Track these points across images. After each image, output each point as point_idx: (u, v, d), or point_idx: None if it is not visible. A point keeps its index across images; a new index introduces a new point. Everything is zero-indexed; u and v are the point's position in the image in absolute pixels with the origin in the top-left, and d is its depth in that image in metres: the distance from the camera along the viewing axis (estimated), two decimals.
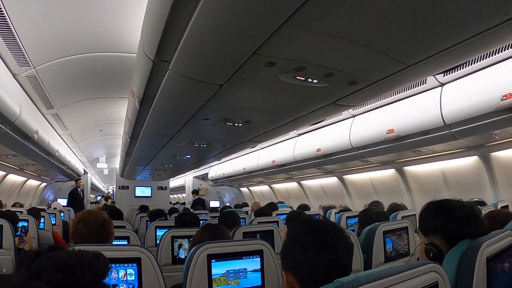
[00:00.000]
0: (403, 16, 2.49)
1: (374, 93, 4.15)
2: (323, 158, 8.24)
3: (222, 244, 2.50)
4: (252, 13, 2.30)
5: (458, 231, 1.95)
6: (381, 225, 3.34)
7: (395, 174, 8.55)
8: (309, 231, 1.64)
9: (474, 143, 6.30)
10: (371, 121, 6.74)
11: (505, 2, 2.40)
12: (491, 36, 2.80)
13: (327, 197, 11.37)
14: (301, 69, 3.25)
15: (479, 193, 6.86)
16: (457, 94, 5.20)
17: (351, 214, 5.71)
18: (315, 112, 4.76)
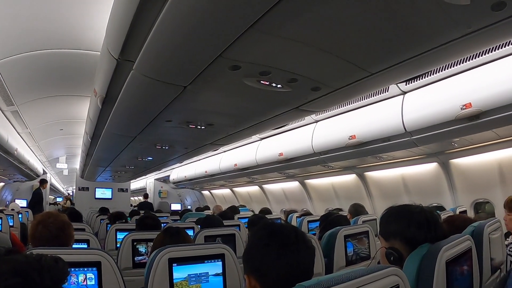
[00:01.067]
0: (368, 25, 2.54)
1: (337, 99, 4.21)
2: (285, 163, 8.26)
3: (183, 248, 2.48)
4: (219, 17, 2.31)
5: (418, 236, 1.99)
6: (342, 229, 3.38)
7: (356, 179, 8.66)
8: (271, 235, 1.65)
9: (434, 150, 6.45)
10: (333, 126, 6.81)
11: (468, 16, 2.47)
12: (454, 48, 2.89)
13: (288, 201, 11.43)
14: (265, 74, 3.27)
15: (438, 198, 7.07)
16: (418, 102, 5.33)
17: (312, 218, 5.76)
18: (278, 117, 4.79)
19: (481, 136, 5.52)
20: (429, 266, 1.76)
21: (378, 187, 8.32)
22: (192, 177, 14.01)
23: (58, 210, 5.05)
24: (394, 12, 2.39)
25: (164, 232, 3.05)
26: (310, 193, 10.30)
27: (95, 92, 4.54)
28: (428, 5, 2.31)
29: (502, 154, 6.02)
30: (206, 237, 3.59)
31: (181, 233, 3.02)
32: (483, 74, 4.61)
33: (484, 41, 3.02)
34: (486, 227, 2.47)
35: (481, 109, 4.54)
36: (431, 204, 6.96)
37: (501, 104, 4.37)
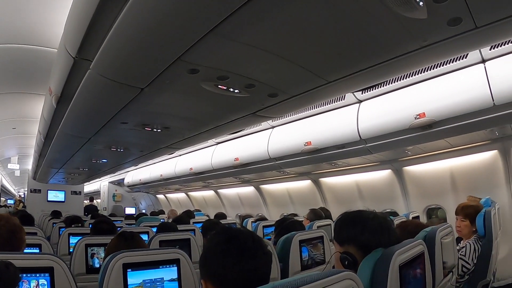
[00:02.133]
0: (327, 34, 2.60)
1: (294, 105, 4.26)
2: (241, 168, 8.27)
3: (138, 253, 2.42)
4: (179, 20, 2.31)
5: (372, 240, 2.01)
6: (297, 234, 3.40)
7: (311, 185, 8.76)
8: (228, 240, 1.65)
9: (388, 157, 6.61)
10: (289, 133, 6.88)
11: (424, 30, 2.58)
12: (410, 59, 3.00)
13: (243, 206, 11.44)
14: (223, 78, 3.28)
15: (392, 204, 7.27)
16: (373, 111, 5.49)
17: (267, 223, 5.75)
18: (235, 122, 4.81)
19: (434, 145, 5.72)
20: (383, 270, 1.78)
21: (333, 193, 8.46)
22: (147, 180, 13.81)
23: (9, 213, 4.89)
24: (353, 22, 2.46)
25: (119, 237, 2.97)
26: (266, 198, 10.35)
27: (50, 90, 4.43)
28: (387, 17, 2.38)
29: (454, 162, 6.27)
30: (161, 241, 3.56)
31: (135, 237, 2.94)
32: (437, 86, 4.82)
33: (439, 54, 3.13)
34: (438, 232, 2.55)
35: (434, 119, 4.72)
36: (384, 209, 7.13)
37: (453, 114, 4.57)
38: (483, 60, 4.48)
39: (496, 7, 2.41)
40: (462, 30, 2.58)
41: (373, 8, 2.28)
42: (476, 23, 2.51)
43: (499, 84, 4.24)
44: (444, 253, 2.56)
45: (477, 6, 2.34)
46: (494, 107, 4.29)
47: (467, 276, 3.83)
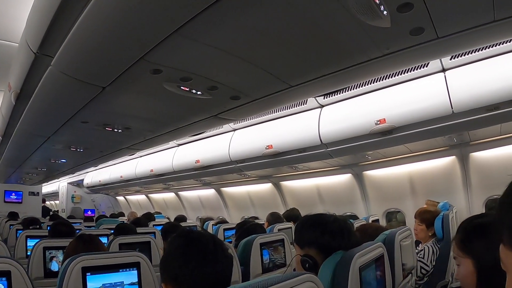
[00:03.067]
0: (292, 39, 2.65)
1: (256, 109, 4.30)
2: (202, 170, 8.25)
3: (97, 256, 2.33)
4: (143, 19, 2.31)
5: (332, 243, 2.05)
6: (258, 237, 3.39)
7: (272, 188, 8.84)
8: (190, 243, 1.67)
9: (348, 162, 6.75)
10: (251, 136, 6.92)
11: (387, 38, 2.66)
12: (372, 67, 3.08)
13: (204, 209, 11.41)
14: (186, 80, 3.29)
15: (352, 208, 7.42)
16: (335, 116, 5.60)
17: (228, 226, 5.74)
18: (197, 124, 4.80)
19: (394, 150, 5.88)
20: (343, 272, 1.82)
21: (294, 196, 8.55)
22: (107, 181, 13.53)
23: None
24: (317, 28, 2.50)
25: (77, 240, 2.92)
26: (226, 201, 10.35)
27: (10, 86, 4.30)
28: (351, 24, 2.44)
29: (413, 167, 6.46)
30: (121, 244, 3.48)
31: (94, 240, 2.91)
32: (398, 93, 4.97)
33: (401, 62, 3.23)
34: (397, 235, 2.62)
35: (395, 125, 4.86)
36: (345, 213, 7.30)
37: (413, 121, 4.73)
38: (443, 69, 4.66)
39: (457, 19, 2.51)
40: (424, 39, 2.68)
41: (338, 15, 2.34)
42: (438, 33, 2.61)
43: (458, 93, 4.42)
44: (403, 255, 2.63)
45: (439, 17, 2.44)
46: (452, 114, 4.46)
47: (426, 277, 3.95)
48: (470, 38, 2.74)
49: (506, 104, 4.19)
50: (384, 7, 2.22)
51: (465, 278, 1.75)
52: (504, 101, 4.16)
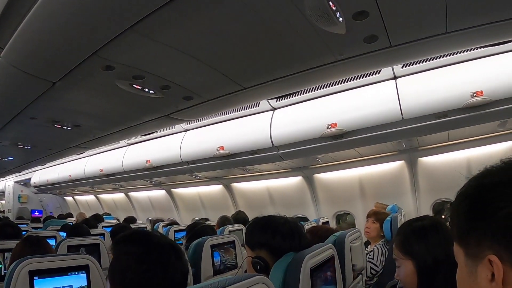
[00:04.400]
0: (246, 41, 2.70)
1: (208, 109, 4.31)
2: (152, 170, 8.16)
3: (45, 259, 2.22)
4: (97, 14, 2.30)
5: (283, 245, 2.09)
6: (208, 239, 3.36)
7: (223, 190, 8.82)
8: (149, 249, 1.61)
9: (299, 164, 6.82)
10: (202, 136, 6.91)
11: (342, 44, 2.75)
12: (325, 71, 3.16)
13: (155, 210, 11.24)
14: (139, 78, 3.28)
15: (302, 210, 7.51)
16: (287, 119, 5.68)
17: (179, 227, 5.69)
18: (148, 123, 4.77)
19: (344, 154, 5.99)
20: (294, 274, 1.86)
21: (244, 198, 8.57)
22: (55, 181, 13.10)
23: None
24: (273, 31, 2.56)
25: (24, 242, 2.83)
26: (177, 202, 10.25)
27: None
28: (307, 30, 2.51)
29: (363, 171, 6.62)
30: (69, 246, 3.38)
31: (42, 242, 2.83)
32: (350, 98, 5.11)
33: (354, 68, 3.34)
34: (347, 236, 2.70)
35: (345, 129, 4.99)
36: (295, 215, 7.34)
37: (364, 126, 4.88)
38: (395, 76, 4.84)
39: (410, 29, 2.63)
40: (377, 47, 2.78)
41: (294, 19, 2.40)
42: (391, 42, 2.72)
43: (408, 100, 4.60)
44: (353, 256, 2.71)
45: (393, 27, 2.54)
46: (402, 120, 4.64)
47: (375, 278, 4.06)
48: (422, 47, 2.88)
49: (454, 112, 4.39)
50: (340, 14, 2.30)
51: (406, 278, 1.85)
52: (452, 109, 4.35)
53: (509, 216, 0.82)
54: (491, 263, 0.85)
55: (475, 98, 4.22)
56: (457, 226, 0.98)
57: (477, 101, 4.23)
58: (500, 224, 0.84)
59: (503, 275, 0.83)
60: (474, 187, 0.95)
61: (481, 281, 0.88)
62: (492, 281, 0.85)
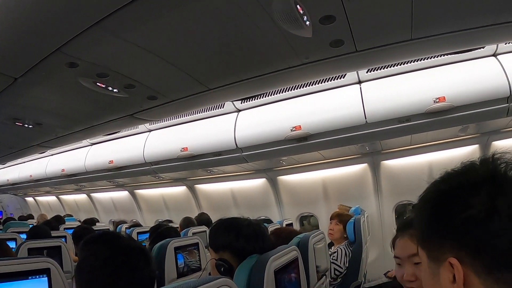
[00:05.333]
0: (213, 42, 2.70)
1: (173, 110, 4.29)
2: (115, 171, 8.05)
3: (4, 263, 2.12)
4: (61, 8, 2.24)
5: (247, 247, 2.11)
6: (172, 241, 3.33)
7: (186, 191, 8.77)
8: (118, 252, 1.61)
9: (263, 166, 6.84)
10: (166, 137, 6.85)
11: (308, 48, 2.78)
12: (291, 74, 3.19)
13: (117, 211, 11.06)
14: (103, 76, 3.21)
15: (266, 212, 7.55)
16: (251, 121, 5.71)
17: (142, 229, 5.66)
18: (112, 122, 4.70)
19: (308, 156, 6.06)
20: (259, 276, 1.88)
21: (208, 199, 8.53)
22: (15, 181, 12.76)
23: None
24: (240, 33, 2.57)
25: None
26: (140, 203, 10.13)
27: None
28: (273, 32, 2.53)
29: (327, 173, 6.70)
30: (30, 249, 3.26)
31: (2, 245, 2.78)
32: (315, 101, 5.19)
33: (320, 72, 3.38)
34: (311, 238, 2.73)
35: (310, 132, 5.05)
36: (259, 217, 7.41)
37: (329, 129, 4.96)
38: (359, 81, 4.95)
39: (376, 35, 2.69)
40: (343, 52, 2.83)
41: (261, 22, 2.41)
42: (357, 47, 2.77)
43: (372, 104, 4.71)
44: (317, 257, 2.74)
45: (360, 32, 2.59)
46: (366, 124, 4.73)
47: (339, 279, 4.13)
48: (387, 53, 2.94)
49: (417, 117, 4.51)
50: (307, 17, 2.32)
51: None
52: (415, 114, 4.47)
53: (467, 220, 0.86)
54: (452, 265, 0.88)
55: (438, 103, 4.35)
56: (419, 229, 1.02)
57: (439, 107, 4.36)
58: (459, 228, 0.88)
59: (464, 277, 0.87)
60: (434, 192, 0.99)
61: (443, 282, 0.92)
62: (453, 283, 0.88)
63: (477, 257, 0.85)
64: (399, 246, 1.99)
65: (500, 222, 0.82)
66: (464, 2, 2.41)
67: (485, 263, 0.85)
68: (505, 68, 4.34)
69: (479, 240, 0.85)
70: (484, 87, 4.34)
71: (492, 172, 0.90)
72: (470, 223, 0.86)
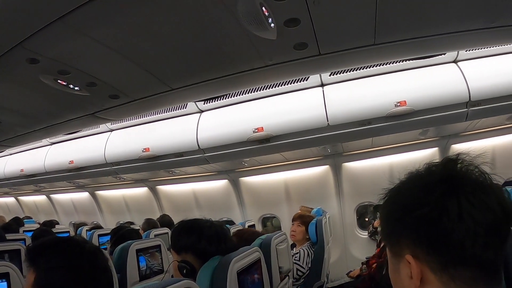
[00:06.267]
0: (177, 41, 2.68)
1: (135, 109, 4.23)
2: (76, 171, 7.88)
3: None
4: (23, 1, 2.17)
5: (209, 248, 2.12)
6: (134, 243, 3.30)
7: (148, 193, 8.67)
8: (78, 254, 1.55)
9: (225, 167, 6.84)
10: (128, 137, 6.74)
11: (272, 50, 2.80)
12: (254, 76, 3.20)
13: (78, 213, 10.80)
14: (64, 73, 3.10)
15: (228, 213, 7.54)
16: (214, 121, 5.70)
17: (103, 231, 5.54)
18: (73, 121, 4.58)
19: (270, 158, 6.09)
20: (221, 277, 1.89)
21: (170, 201, 8.46)
22: None
23: None
24: (205, 33, 2.56)
25: None
26: (101, 205, 9.96)
27: None
28: (238, 33, 2.53)
29: (289, 175, 6.77)
30: None
31: None
32: (278, 103, 5.23)
33: (283, 74, 3.40)
34: (273, 239, 2.75)
35: (272, 134, 5.08)
36: (221, 218, 7.35)
37: (291, 130, 5.03)
38: (322, 84, 5.01)
39: (340, 39, 2.73)
40: (306, 55, 2.86)
41: (226, 22, 2.41)
42: (320, 50, 2.80)
43: (334, 107, 4.79)
44: (280, 258, 2.76)
45: (323, 36, 2.62)
46: (328, 126, 4.79)
47: (302, 279, 4.17)
48: (350, 57, 2.99)
49: (378, 120, 4.60)
50: (272, 19, 2.34)
51: None
52: (376, 117, 4.55)
53: (421, 219, 0.90)
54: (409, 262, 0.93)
55: (399, 107, 4.45)
56: (382, 226, 1.09)
57: (400, 110, 4.47)
58: (414, 226, 0.92)
59: (420, 273, 0.91)
60: (395, 190, 1.03)
61: (403, 277, 0.97)
62: (412, 279, 0.93)
63: (431, 254, 0.90)
64: None
65: (449, 221, 0.86)
66: (426, 10, 2.48)
67: (439, 260, 0.89)
68: (465, 75, 4.50)
69: (432, 238, 0.89)
70: (445, 92, 4.49)
71: (450, 173, 0.95)
72: (424, 221, 0.90)
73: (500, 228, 0.88)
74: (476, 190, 0.89)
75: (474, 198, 0.87)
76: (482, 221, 0.86)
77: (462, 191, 0.89)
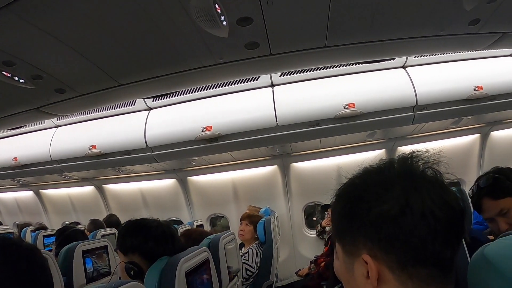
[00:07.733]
0: (127, 35, 2.61)
1: (81, 105, 4.11)
2: (20, 169, 7.62)
3: None
4: None
5: (156, 249, 2.09)
6: (79, 245, 3.20)
7: (94, 192, 8.48)
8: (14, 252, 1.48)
9: (173, 166, 6.78)
10: (74, 134, 6.53)
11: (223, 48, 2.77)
12: (204, 74, 3.18)
13: (22, 213, 10.46)
14: (9, 64, 2.94)
15: (176, 213, 7.50)
16: (163, 119, 5.63)
17: (48, 232, 5.40)
18: (16, 116, 4.40)
19: (219, 157, 6.09)
20: (169, 278, 1.86)
21: (117, 200, 8.31)
22: None
23: None
24: (156, 28, 2.51)
25: None
26: (46, 204, 9.69)
27: None
28: (189, 29, 2.50)
29: (237, 175, 6.80)
30: None
31: None
32: (227, 102, 5.23)
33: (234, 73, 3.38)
34: (221, 239, 2.74)
35: (220, 133, 5.07)
36: (169, 218, 7.29)
37: (240, 130, 5.04)
38: (272, 84, 5.05)
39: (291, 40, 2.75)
40: (258, 54, 2.85)
41: (178, 17, 2.37)
42: (272, 50, 2.81)
43: (284, 107, 4.83)
44: (228, 258, 2.75)
45: (275, 36, 2.62)
46: (277, 127, 4.82)
47: (251, 279, 4.18)
48: (301, 58, 3.01)
49: (326, 121, 4.65)
50: (224, 17, 2.32)
51: None
52: (325, 118, 4.61)
53: (380, 216, 0.88)
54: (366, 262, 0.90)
55: (347, 109, 4.53)
56: (335, 224, 1.04)
57: (348, 112, 4.55)
58: (372, 223, 0.89)
59: (378, 273, 0.89)
60: (349, 186, 1.01)
61: (357, 277, 0.94)
62: (368, 278, 0.90)
63: (390, 253, 0.88)
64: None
65: (412, 219, 0.85)
66: (378, 15, 2.52)
67: (398, 258, 0.87)
68: (412, 80, 4.67)
69: (391, 236, 0.87)
70: (392, 96, 4.62)
71: (409, 169, 0.94)
72: (383, 218, 0.88)
73: (457, 224, 0.89)
74: (435, 186, 0.89)
75: (434, 195, 0.87)
76: (441, 218, 0.85)
77: (423, 187, 0.88)
